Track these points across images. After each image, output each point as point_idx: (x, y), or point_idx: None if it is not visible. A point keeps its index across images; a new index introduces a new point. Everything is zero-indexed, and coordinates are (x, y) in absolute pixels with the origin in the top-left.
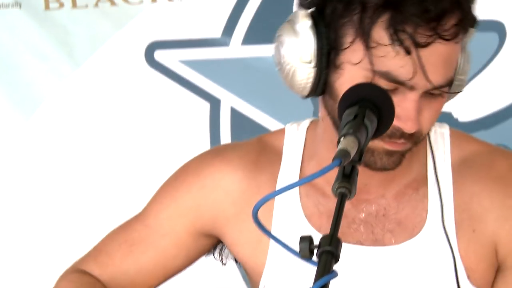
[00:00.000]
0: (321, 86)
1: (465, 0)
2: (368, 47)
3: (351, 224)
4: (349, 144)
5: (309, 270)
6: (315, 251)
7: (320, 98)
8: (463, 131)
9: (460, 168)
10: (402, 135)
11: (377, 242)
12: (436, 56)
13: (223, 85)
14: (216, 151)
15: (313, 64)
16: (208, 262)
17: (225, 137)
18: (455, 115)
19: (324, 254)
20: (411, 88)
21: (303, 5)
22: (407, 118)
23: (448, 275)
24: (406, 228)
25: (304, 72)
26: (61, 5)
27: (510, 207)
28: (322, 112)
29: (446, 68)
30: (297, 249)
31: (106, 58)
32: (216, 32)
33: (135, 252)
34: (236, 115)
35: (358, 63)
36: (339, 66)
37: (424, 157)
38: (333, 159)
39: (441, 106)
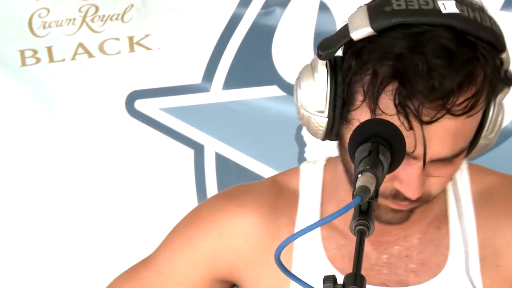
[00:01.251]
0: (334, 134)
1: (483, 76)
2: (373, 112)
3: (374, 266)
4: (368, 180)
5: None
6: None
7: (336, 143)
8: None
9: (481, 202)
10: (405, 198)
11: (401, 283)
12: (442, 131)
13: (206, 130)
14: (230, 194)
15: (326, 114)
16: None
17: (211, 182)
18: None
19: None
20: (415, 158)
21: (320, 56)
22: (409, 185)
23: None
24: (430, 267)
25: (317, 119)
26: (38, 60)
27: None
28: (340, 158)
29: (455, 141)
30: None
31: (86, 110)
32: (196, 78)
33: None
34: (220, 160)
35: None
36: (349, 121)
37: (444, 194)
38: (353, 196)
39: (455, 170)
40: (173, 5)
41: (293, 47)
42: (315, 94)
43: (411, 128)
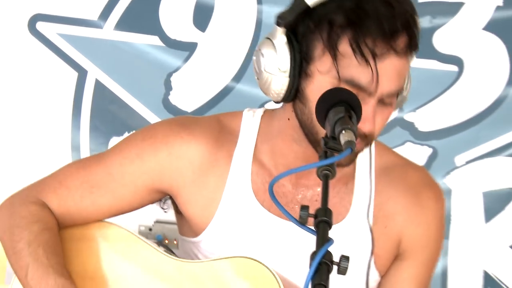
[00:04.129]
0: (293, 92)
1: (414, 24)
2: (335, 58)
3: (289, 203)
4: (351, 135)
5: (241, 234)
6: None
7: (288, 104)
8: (384, 142)
9: (381, 173)
10: (359, 135)
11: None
12: (391, 68)
13: (92, 60)
14: (183, 123)
15: (287, 73)
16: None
17: (87, 102)
18: (416, 125)
19: (322, 223)
20: (370, 94)
21: (279, 24)
22: (366, 120)
23: (363, 258)
24: (333, 214)
25: (279, 80)
26: None
27: (415, 213)
28: (288, 114)
29: (398, 79)
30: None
31: None
32: (94, 15)
33: (95, 194)
34: (99, 85)
35: (326, 73)
36: (310, 75)
37: (354, 161)
38: (345, 148)
39: (390, 115)
40: None
41: (176, 10)
42: (277, 58)
43: (367, 62)
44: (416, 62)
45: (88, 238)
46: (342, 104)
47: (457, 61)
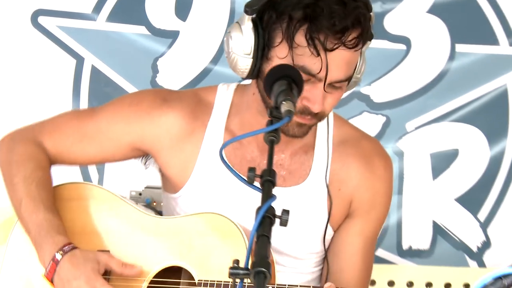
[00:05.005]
0: (256, 72)
1: (364, 20)
2: (291, 47)
3: (257, 167)
4: (290, 106)
5: (213, 192)
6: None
7: (253, 81)
8: (340, 116)
9: (338, 143)
10: (310, 113)
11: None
12: (339, 59)
13: (88, 48)
14: (164, 97)
15: (251, 55)
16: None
17: (85, 86)
18: (371, 97)
19: (267, 182)
20: (320, 80)
21: (247, 12)
22: (315, 101)
23: (319, 215)
24: (294, 177)
25: (244, 61)
26: None
27: (366, 178)
28: (253, 90)
29: (346, 68)
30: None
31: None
32: (88, 9)
33: (84, 142)
34: (95, 71)
35: (283, 58)
36: (270, 58)
37: (314, 131)
38: (284, 116)
39: (341, 95)
40: None
41: (160, 2)
42: (243, 41)
43: (318, 54)
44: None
45: (76, 198)
46: (286, 78)
47: (405, 41)
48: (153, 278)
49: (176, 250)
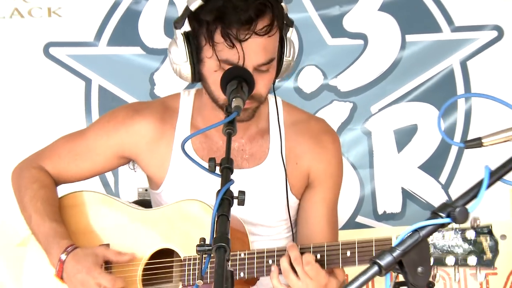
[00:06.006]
0: (198, 75)
1: (269, 9)
2: (213, 46)
3: (222, 155)
4: (239, 102)
5: (189, 183)
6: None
7: (201, 83)
8: (301, 102)
9: (290, 125)
10: (248, 98)
11: (238, 166)
12: (255, 45)
13: (94, 70)
14: (135, 109)
15: (188, 62)
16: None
17: (94, 103)
18: (339, 88)
19: (225, 169)
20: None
21: (176, 27)
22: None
23: (281, 187)
24: (255, 158)
25: (185, 68)
26: None
27: (318, 153)
28: (204, 91)
29: (264, 53)
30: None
31: (12, 54)
32: (90, 38)
33: (78, 161)
34: (102, 89)
35: (210, 57)
36: (202, 60)
37: (266, 116)
38: (233, 111)
39: (272, 77)
40: None
41: (151, 25)
42: (179, 52)
43: (233, 46)
44: (332, 41)
45: (77, 204)
46: (237, 78)
47: (363, 37)
48: (148, 261)
49: (163, 234)
